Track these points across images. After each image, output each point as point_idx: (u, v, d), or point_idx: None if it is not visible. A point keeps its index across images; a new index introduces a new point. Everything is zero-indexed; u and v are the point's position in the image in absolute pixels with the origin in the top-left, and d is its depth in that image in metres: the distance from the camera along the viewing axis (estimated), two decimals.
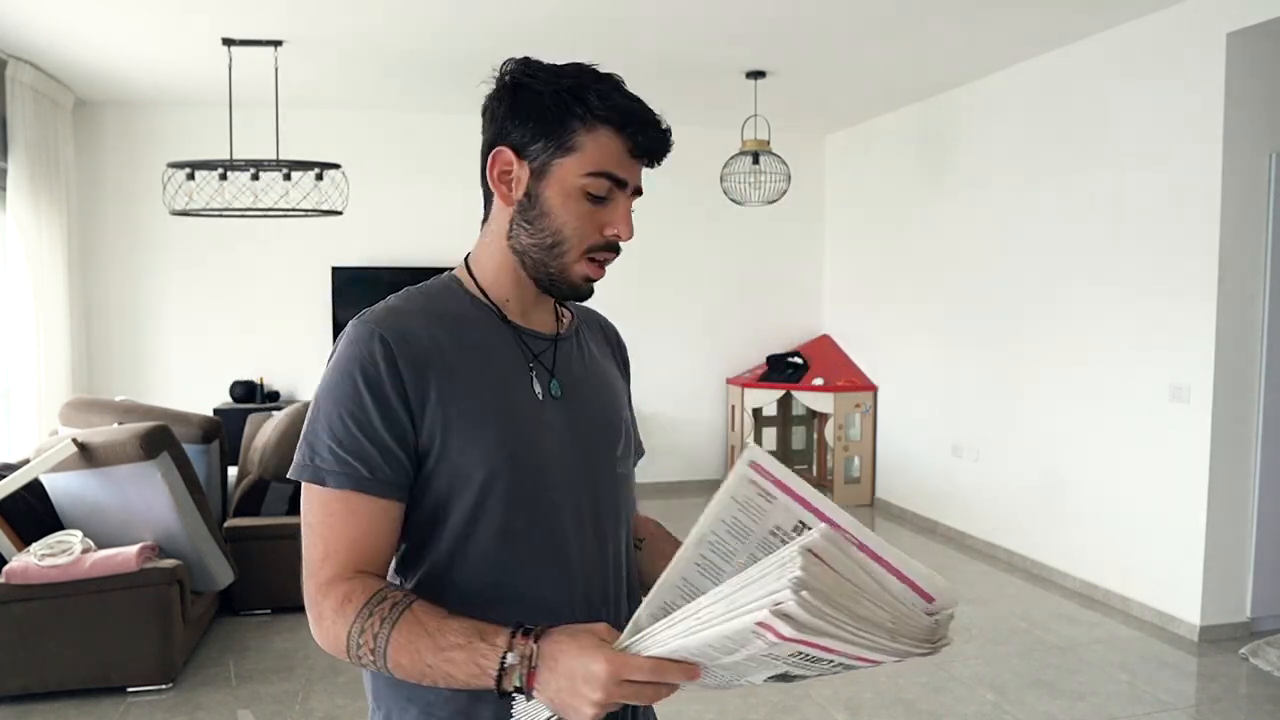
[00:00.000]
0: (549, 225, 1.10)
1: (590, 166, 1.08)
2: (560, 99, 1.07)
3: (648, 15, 4.29)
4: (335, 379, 1.06)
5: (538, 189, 1.10)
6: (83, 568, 3.31)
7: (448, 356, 1.08)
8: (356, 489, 1.03)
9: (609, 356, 1.31)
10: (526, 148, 1.10)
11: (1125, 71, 4.34)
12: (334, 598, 1.01)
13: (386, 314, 1.10)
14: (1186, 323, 4.02)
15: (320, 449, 1.04)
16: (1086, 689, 3.52)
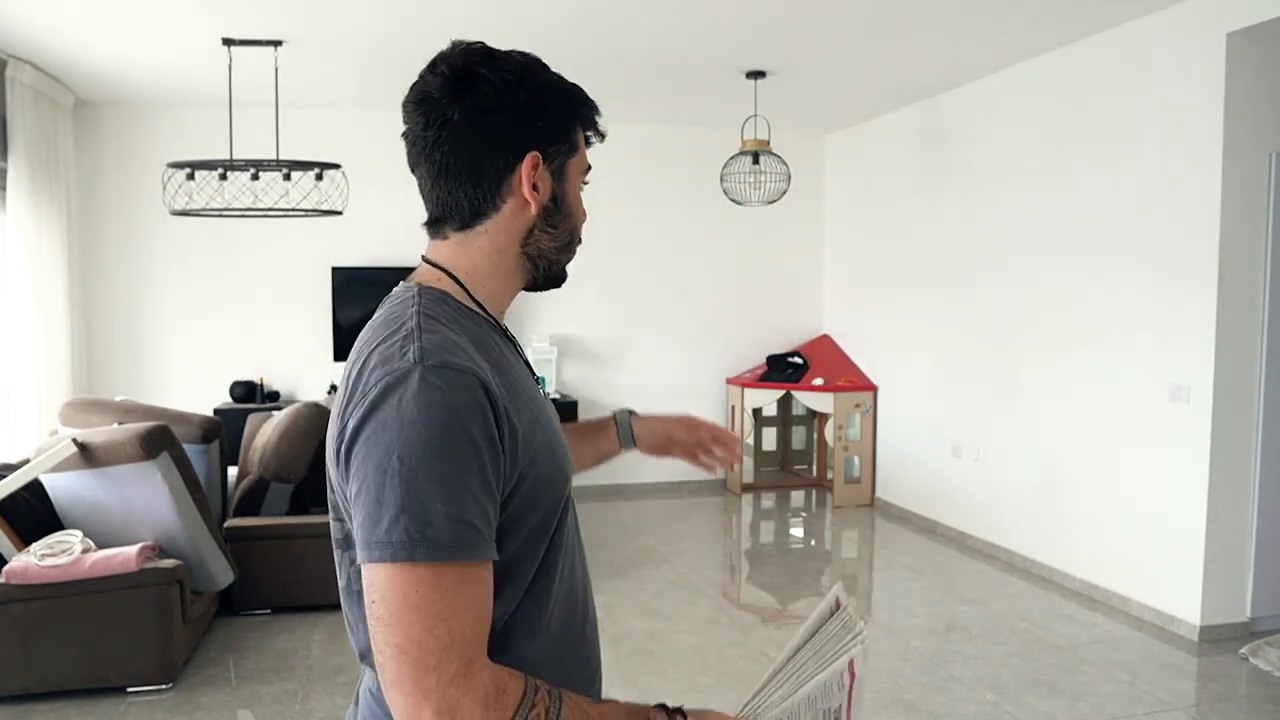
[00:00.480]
0: (569, 225, 1.12)
1: (586, 164, 1.13)
2: (572, 105, 1.10)
3: (648, 15, 4.29)
4: (437, 433, 0.89)
5: (561, 191, 1.10)
6: (83, 568, 3.31)
7: (506, 386, 0.99)
8: (477, 558, 0.91)
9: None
10: (547, 149, 1.07)
11: (1125, 71, 4.34)
12: (480, 691, 0.87)
13: (459, 354, 0.95)
14: (1186, 323, 4.02)
15: (434, 519, 0.88)
16: (1086, 689, 3.52)
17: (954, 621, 4.25)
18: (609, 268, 6.75)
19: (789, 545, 5.82)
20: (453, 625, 0.88)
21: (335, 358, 6.38)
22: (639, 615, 4.31)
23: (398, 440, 0.89)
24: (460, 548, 0.89)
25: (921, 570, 5.10)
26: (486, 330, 1.06)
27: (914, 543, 5.66)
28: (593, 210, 4.90)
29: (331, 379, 6.45)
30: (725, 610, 4.47)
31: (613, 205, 6.71)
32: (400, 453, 0.89)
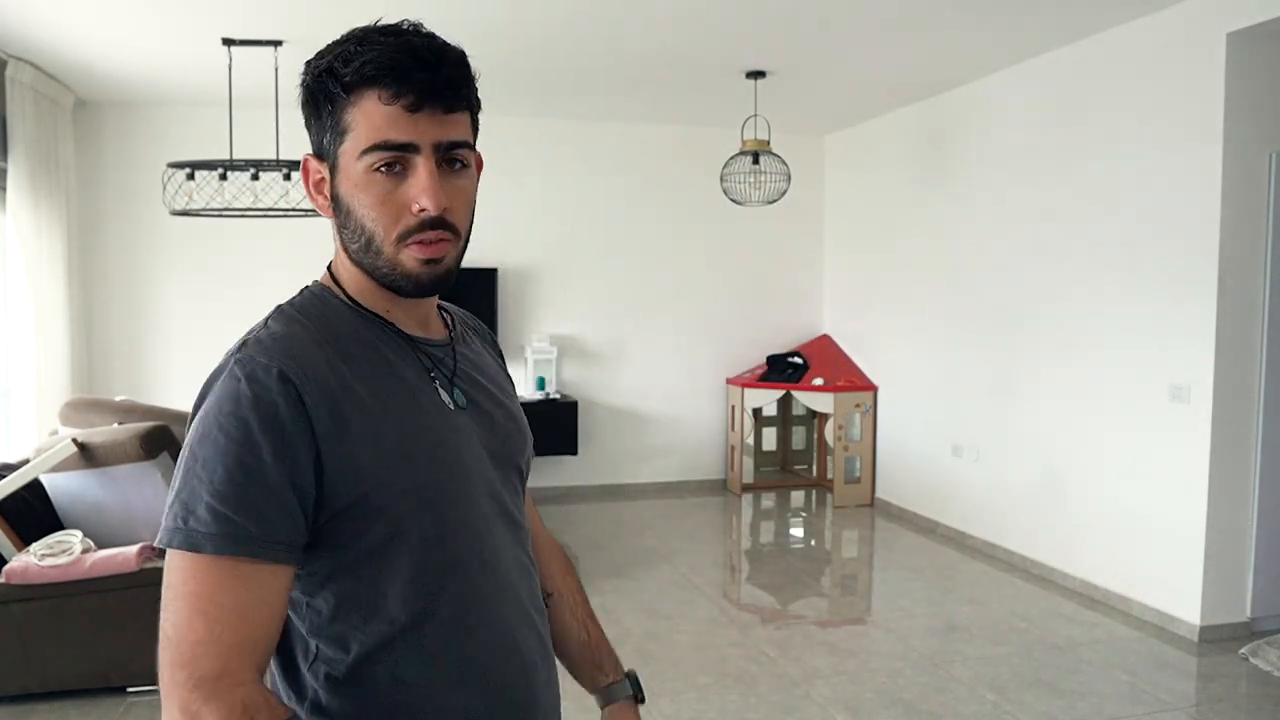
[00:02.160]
0: (355, 223, 0.96)
1: (363, 143, 0.93)
2: (320, 81, 0.96)
3: (648, 15, 4.29)
4: (221, 424, 0.88)
5: (336, 188, 0.97)
6: (83, 568, 3.31)
7: (355, 385, 0.94)
8: (242, 555, 0.86)
9: (489, 354, 1.21)
10: (318, 146, 0.98)
11: (1125, 71, 4.34)
12: (221, 706, 0.81)
13: (275, 344, 0.93)
14: (1186, 323, 4.02)
15: (198, 508, 0.86)
16: (1086, 689, 3.52)
17: (954, 621, 4.25)
18: (609, 268, 6.75)
19: (789, 545, 5.82)
20: (213, 624, 0.85)
21: None
22: (639, 615, 4.31)
23: (193, 428, 0.90)
24: (219, 541, 0.85)
25: (921, 570, 5.10)
26: (370, 329, 1.01)
27: (914, 543, 5.66)
28: (593, 210, 4.97)
29: None
30: (725, 610, 4.47)
31: (612, 205, 6.71)
32: (191, 440, 0.90)
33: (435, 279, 0.98)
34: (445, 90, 0.94)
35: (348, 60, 0.93)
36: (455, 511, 0.99)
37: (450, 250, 0.98)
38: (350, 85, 0.93)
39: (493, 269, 6.46)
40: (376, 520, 0.93)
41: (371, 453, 0.92)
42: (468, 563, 1.00)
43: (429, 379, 1.03)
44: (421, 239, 0.95)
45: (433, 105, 0.93)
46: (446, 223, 0.96)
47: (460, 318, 1.21)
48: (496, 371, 1.19)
